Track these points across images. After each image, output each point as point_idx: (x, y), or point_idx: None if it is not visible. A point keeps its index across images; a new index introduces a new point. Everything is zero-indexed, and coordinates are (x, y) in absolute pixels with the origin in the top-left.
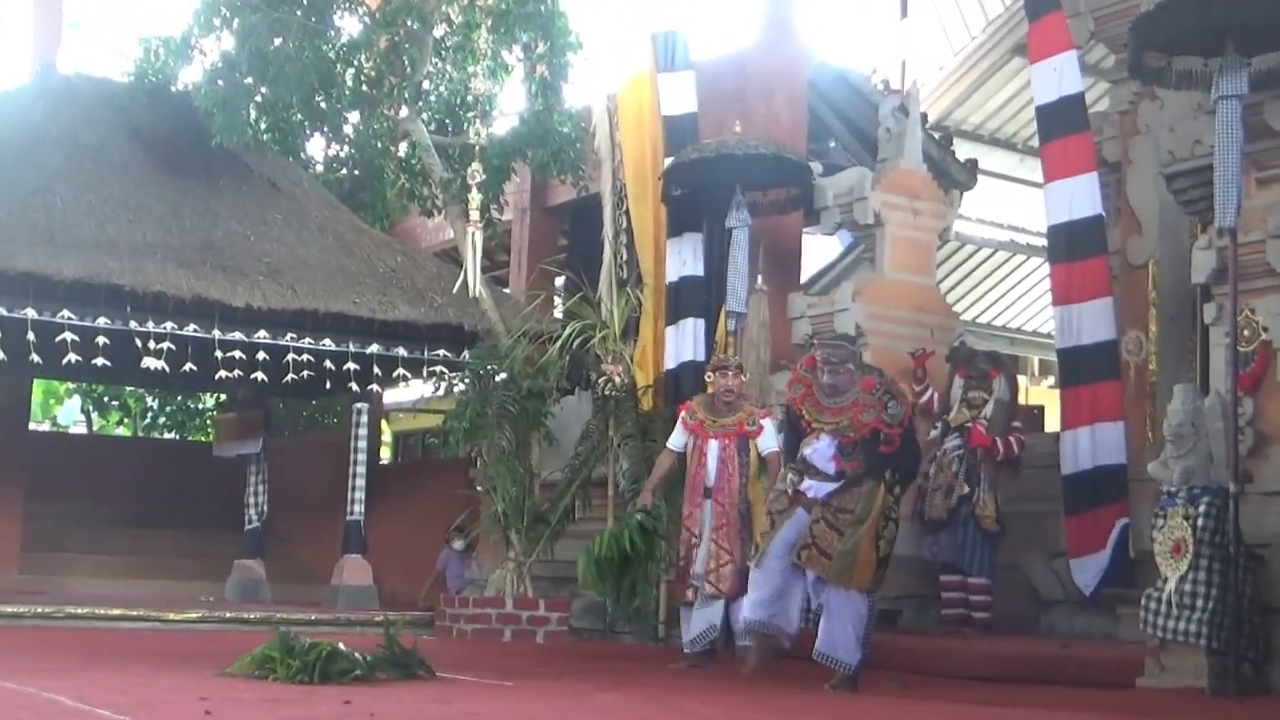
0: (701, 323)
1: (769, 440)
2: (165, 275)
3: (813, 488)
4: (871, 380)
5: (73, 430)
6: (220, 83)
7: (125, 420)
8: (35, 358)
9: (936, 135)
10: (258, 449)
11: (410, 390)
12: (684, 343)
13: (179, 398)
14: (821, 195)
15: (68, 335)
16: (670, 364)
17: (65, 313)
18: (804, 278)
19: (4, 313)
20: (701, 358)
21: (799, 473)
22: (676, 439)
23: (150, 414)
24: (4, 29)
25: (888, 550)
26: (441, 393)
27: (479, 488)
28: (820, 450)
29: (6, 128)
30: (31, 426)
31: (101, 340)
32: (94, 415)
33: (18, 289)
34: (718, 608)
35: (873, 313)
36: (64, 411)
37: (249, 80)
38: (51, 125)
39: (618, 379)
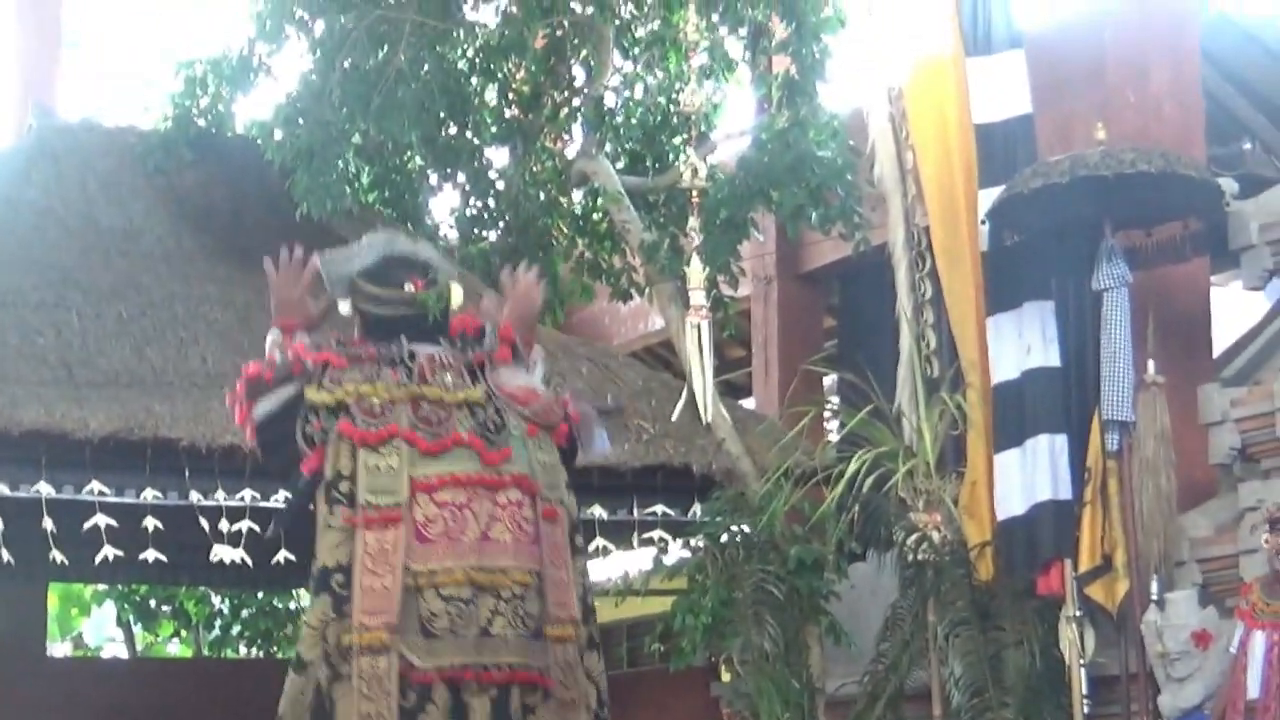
0: (1062, 440)
1: None
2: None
3: None
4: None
5: (105, 653)
6: (300, 121)
7: (183, 633)
8: (57, 554)
9: None
10: None
11: (612, 564)
12: (1035, 474)
13: (260, 596)
14: (1240, 227)
15: (100, 519)
16: (1016, 509)
17: (95, 485)
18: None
19: (6, 492)
20: (1065, 495)
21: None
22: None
23: (220, 623)
24: None
25: None
26: (663, 568)
27: (727, 710)
28: None
29: None
30: (51, 649)
31: (151, 523)
32: (136, 628)
33: (24, 455)
34: None
35: None
36: (92, 625)
37: (343, 112)
38: (55, 203)
39: (936, 535)
